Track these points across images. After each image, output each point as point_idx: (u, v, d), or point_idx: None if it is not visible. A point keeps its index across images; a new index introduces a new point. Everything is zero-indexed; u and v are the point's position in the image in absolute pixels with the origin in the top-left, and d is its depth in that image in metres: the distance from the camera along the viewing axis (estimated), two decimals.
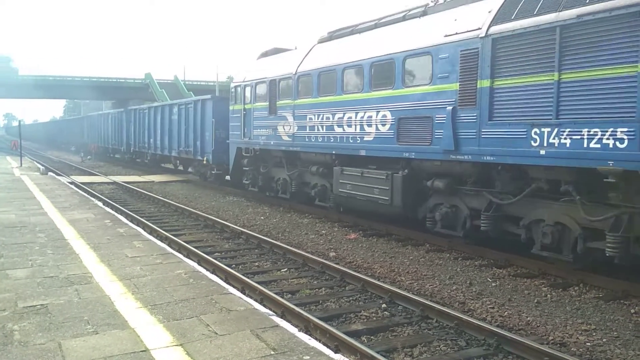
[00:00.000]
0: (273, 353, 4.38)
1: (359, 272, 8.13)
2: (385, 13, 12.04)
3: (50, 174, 23.00)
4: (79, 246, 8.26)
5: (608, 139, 6.74)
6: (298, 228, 12.10)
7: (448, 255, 9.39)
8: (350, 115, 11.48)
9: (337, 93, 11.90)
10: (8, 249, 7.94)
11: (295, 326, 5.39)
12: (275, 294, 6.83)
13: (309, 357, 4.31)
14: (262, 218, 13.47)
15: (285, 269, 8.68)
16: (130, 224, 10.69)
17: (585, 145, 7.01)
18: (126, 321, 5.03)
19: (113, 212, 12.35)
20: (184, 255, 8.35)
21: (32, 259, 7.37)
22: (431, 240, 10.26)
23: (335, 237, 11.03)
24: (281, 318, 5.59)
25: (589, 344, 5.61)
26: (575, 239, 7.64)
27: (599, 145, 6.85)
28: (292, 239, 10.95)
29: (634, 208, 6.90)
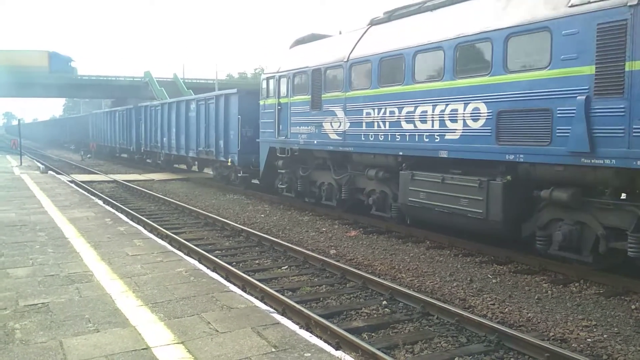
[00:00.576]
0: (274, 350, 4.38)
1: (359, 270, 8.13)
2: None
3: (50, 172, 23.00)
4: (80, 245, 8.26)
5: None
6: (298, 226, 12.10)
7: (448, 252, 9.39)
8: (425, 109, 9.51)
9: (406, 82, 9.91)
10: (8, 248, 7.94)
11: (296, 323, 5.40)
12: (276, 291, 6.84)
13: (310, 354, 4.32)
14: (263, 216, 13.47)
15: (286, 267, 8.69)
16: (131, 222, 10.69)
17: None
18: (127, 319, 5.03)
19: (113, 211, 12.35)
20: (185, 253, 8.35)
21: (33, 258, 7.38)
22: (431, 237, 10.24)
23: (336, 235, 11.03)
24: (282, 315, 5.60)
25: (590, 340, 5.61)
26: None
27: None
28: (293, 237, 10.95)
29: None
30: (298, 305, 6.19)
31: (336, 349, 4.73)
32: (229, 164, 18.48)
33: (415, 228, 10.71)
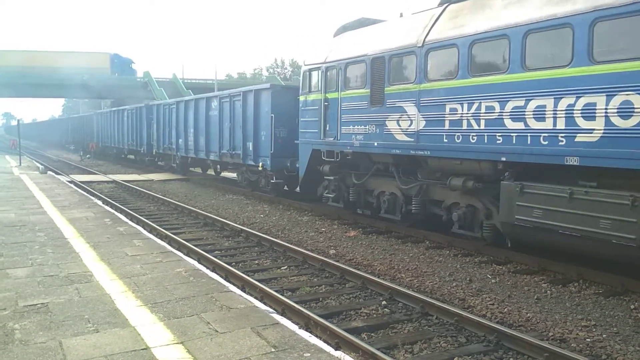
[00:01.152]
0: (274, 350, 4.39)
1: (359, 270, 8.14)
2: None
3: (49, 173, 23.00)
4: (79, 245, 8.26)
5: None
6: (298, 226, 12.11)
7: (448, 252, 9.40)
8: (542, 104, 7.59)
9: (512, 70, 7.99)
10: (8, 248, 7.94)
11: (296, 323, 5.40)
12: (276, 291, 6.85)
13: (309, 354, 4.32)
14: (262, 216, 13.47)
15: (285, 267, 8.69)
16: (130, 223, 10.69)
17: None
18: (127, 319, 5.04)
19: (113, 211, 12.36)
20: (184, 254, 8.36)
21: (32, 258, 7.38)
22: (431, 237, 10.25)
23: (335, 235, 11.03)
24: (281, 315, 5.61)
25: (589, 339, 5.62)
26: None
27: None
28: (292, 237, 10.96)
29: None
30: (297, 306, 6.19)
31: (336, 349, 4.74)
32: (259, 168, 16.35)
33: (415, 228, 10.72)
